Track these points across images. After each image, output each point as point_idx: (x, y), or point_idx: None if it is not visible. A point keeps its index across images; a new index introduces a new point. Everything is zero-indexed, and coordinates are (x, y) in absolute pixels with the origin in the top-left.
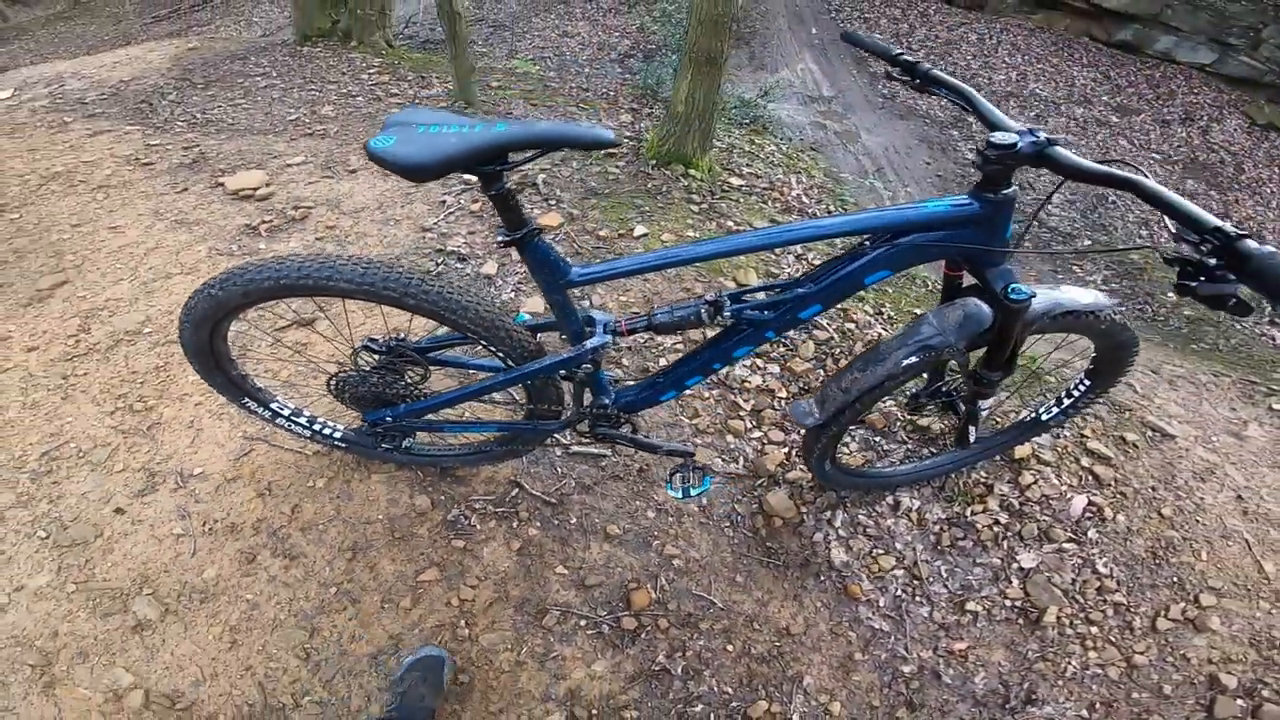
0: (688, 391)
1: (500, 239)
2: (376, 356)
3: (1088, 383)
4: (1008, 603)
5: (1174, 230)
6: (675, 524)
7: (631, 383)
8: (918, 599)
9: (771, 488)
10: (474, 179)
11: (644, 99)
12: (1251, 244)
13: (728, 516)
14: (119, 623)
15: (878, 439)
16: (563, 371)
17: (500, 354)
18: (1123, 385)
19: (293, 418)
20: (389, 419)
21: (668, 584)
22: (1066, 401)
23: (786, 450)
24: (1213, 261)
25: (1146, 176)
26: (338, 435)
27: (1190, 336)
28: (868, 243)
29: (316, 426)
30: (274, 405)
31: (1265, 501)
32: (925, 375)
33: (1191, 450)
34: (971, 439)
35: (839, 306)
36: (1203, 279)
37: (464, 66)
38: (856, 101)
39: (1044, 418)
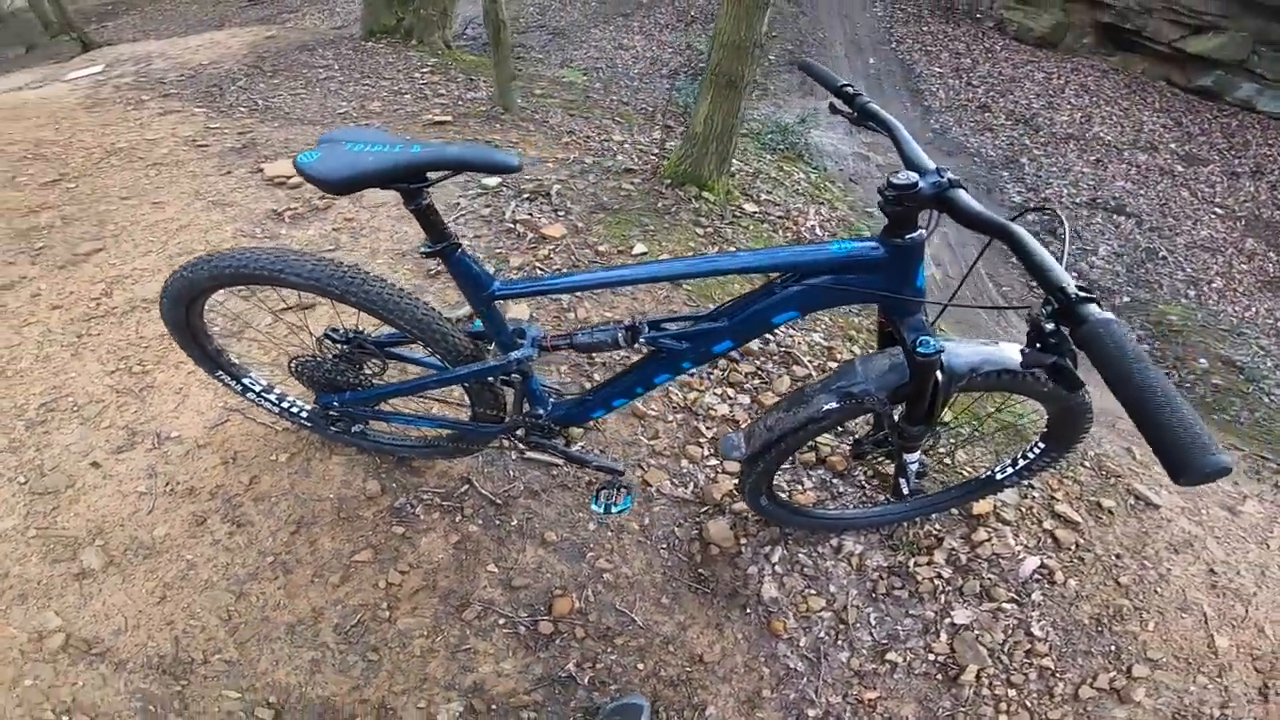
0: (640, 400)
1: (423, 251)
2: (337, 345)
3: (1042, 445)
4: (931, 656)
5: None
6: (613, 539)
7: (569, 397)
8: (839, 643)
9: (715, 516)
10: (490, 186)
11: (681, 117)
12: (1092, 309)
13: (665, 538)
14: (64, 569)
15: (834, 481)
16: (500, 378)
17: (437, 355)
18: (1120, 450)
19: (263, 393)
20: (336, 404)
21: (593, 596)
22: (1022, 463)
23: (736, 481)
24: (1050, 326)
25: (1025, 229)
26: (304, 415)
27: (1214, 406)
28: (778, 281)
29: (285, 404)
30: (245, 380)
31: (1240, 577)
32: (871, 422)
33: (1174, 521)
34: (904, 491)
35: (824, 344)
36: (1037, 345)
37: (505, 73)
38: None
39: (998, 477)
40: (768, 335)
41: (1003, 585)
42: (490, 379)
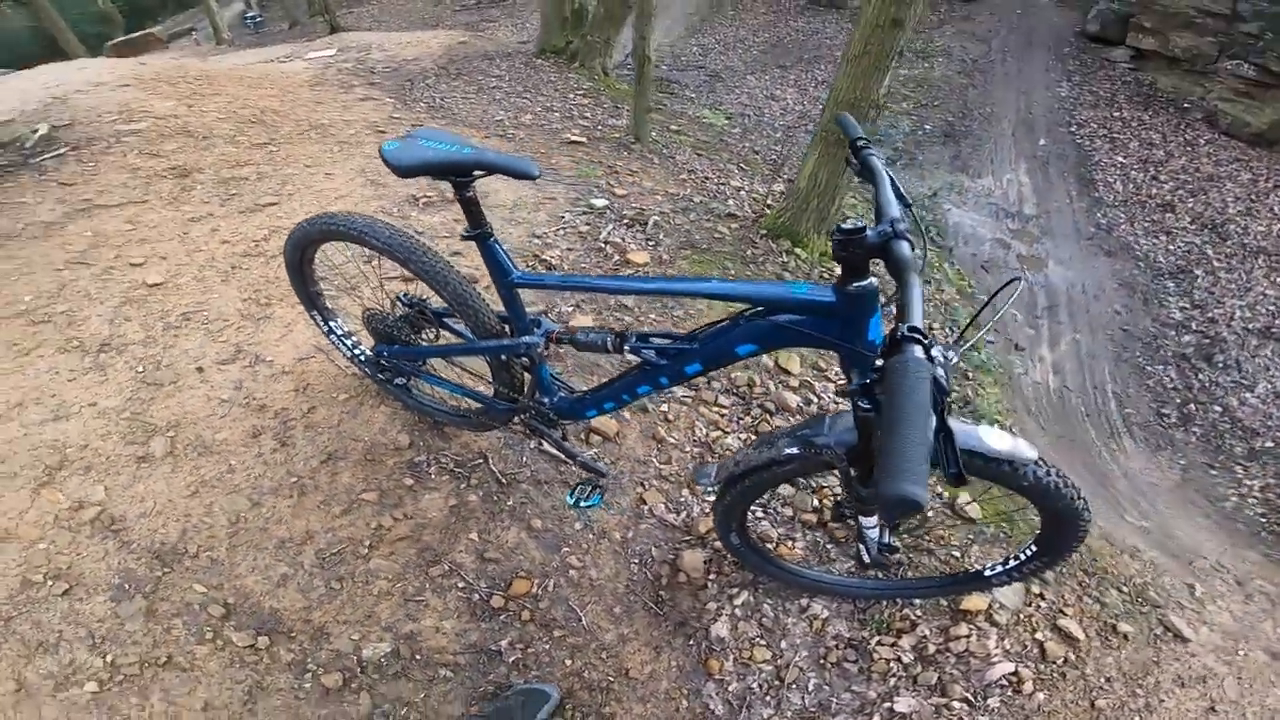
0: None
1: (463, 234)
2: (404, 308)
3: (1034, 549)
4: None
5: None
6: (592, 542)
7: (574, 394)
8: (768, 698)
9: (694, 547)
10: (596, 207)
11: None
12: (913, 348)
13: (641, 555)
14: (132, 451)
15: (828, 545)
16: (519, 363)
17: (469, 326)
18: (1179, 585)
19: (342, 337)
20: (385, 354)
21: (552, 587)
22: (1013, 563)
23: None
24: (880, 361)
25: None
26: (362, 358)
27: None
28: (744, 314)
29: (356, 351)
30: (332, 323)
31: (1243, 718)
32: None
33: (1198, 657)
34: (865, 560)
35: None
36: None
37: (642, 105)
38: (1061, 227)
39: (988, 573)
40: (810, 395)
41: (962, 683)
42: (506, 358)
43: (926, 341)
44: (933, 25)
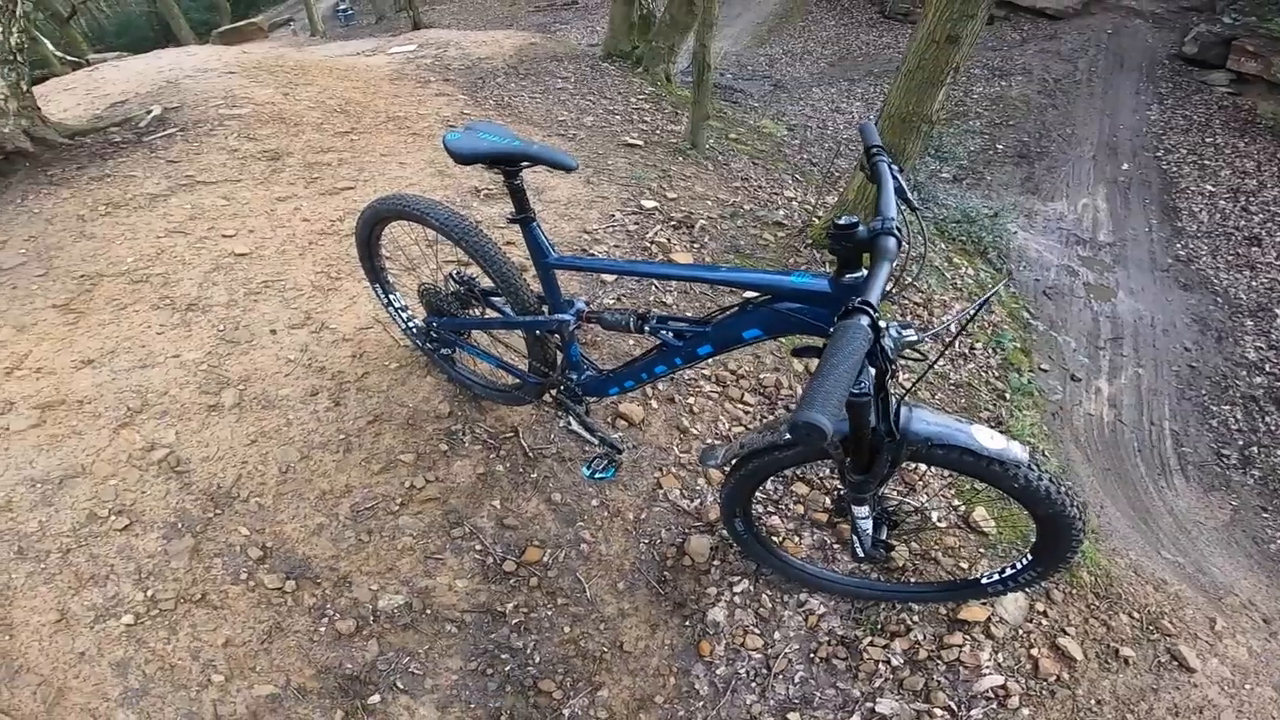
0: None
1: (508, 218)
2: (455, 284)
3: (1029, 558)
4: None
5: None
6: (606, 519)
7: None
8: (753, 685)
9: (702, 533)
10: (645, 208)
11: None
12: (859, 316)
13: (650, 535)
14: (205, 401)
15: (834, 545)
16: (553, 339)
17: (510, 304)
18: (1200, 618)
19: (400, 310)
20: (434, 324)
21: (563, 558)
22: (1009, 572)
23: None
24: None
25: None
26: (413, 328)
27: None
28: (752, 300)
29: (411, 325)
30: (391, 296)
31: None
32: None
33: (1201, 688)
34: (859, 553)
35: None
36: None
37: (700, 112)
38: (1137, 256)
39: (984, 581)
40: None
41: (947, 691)
42: (541, 334)
43: (874, 315)
44: (1014, 43)
